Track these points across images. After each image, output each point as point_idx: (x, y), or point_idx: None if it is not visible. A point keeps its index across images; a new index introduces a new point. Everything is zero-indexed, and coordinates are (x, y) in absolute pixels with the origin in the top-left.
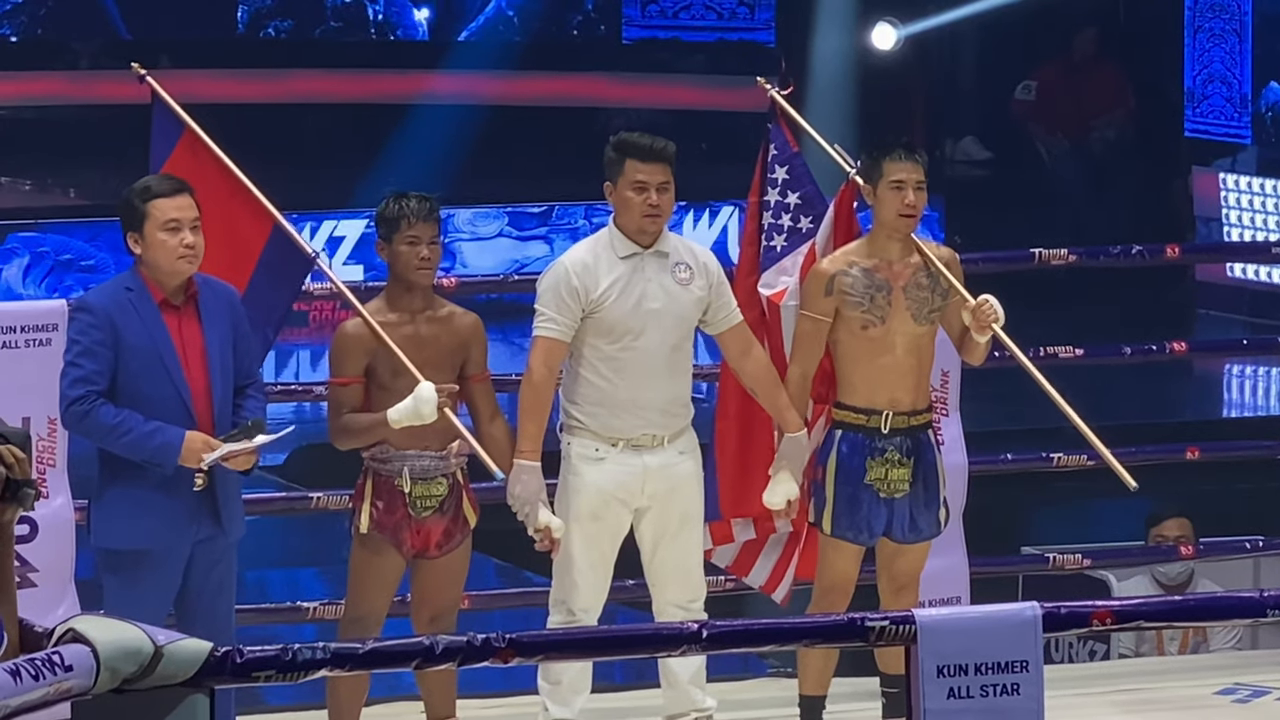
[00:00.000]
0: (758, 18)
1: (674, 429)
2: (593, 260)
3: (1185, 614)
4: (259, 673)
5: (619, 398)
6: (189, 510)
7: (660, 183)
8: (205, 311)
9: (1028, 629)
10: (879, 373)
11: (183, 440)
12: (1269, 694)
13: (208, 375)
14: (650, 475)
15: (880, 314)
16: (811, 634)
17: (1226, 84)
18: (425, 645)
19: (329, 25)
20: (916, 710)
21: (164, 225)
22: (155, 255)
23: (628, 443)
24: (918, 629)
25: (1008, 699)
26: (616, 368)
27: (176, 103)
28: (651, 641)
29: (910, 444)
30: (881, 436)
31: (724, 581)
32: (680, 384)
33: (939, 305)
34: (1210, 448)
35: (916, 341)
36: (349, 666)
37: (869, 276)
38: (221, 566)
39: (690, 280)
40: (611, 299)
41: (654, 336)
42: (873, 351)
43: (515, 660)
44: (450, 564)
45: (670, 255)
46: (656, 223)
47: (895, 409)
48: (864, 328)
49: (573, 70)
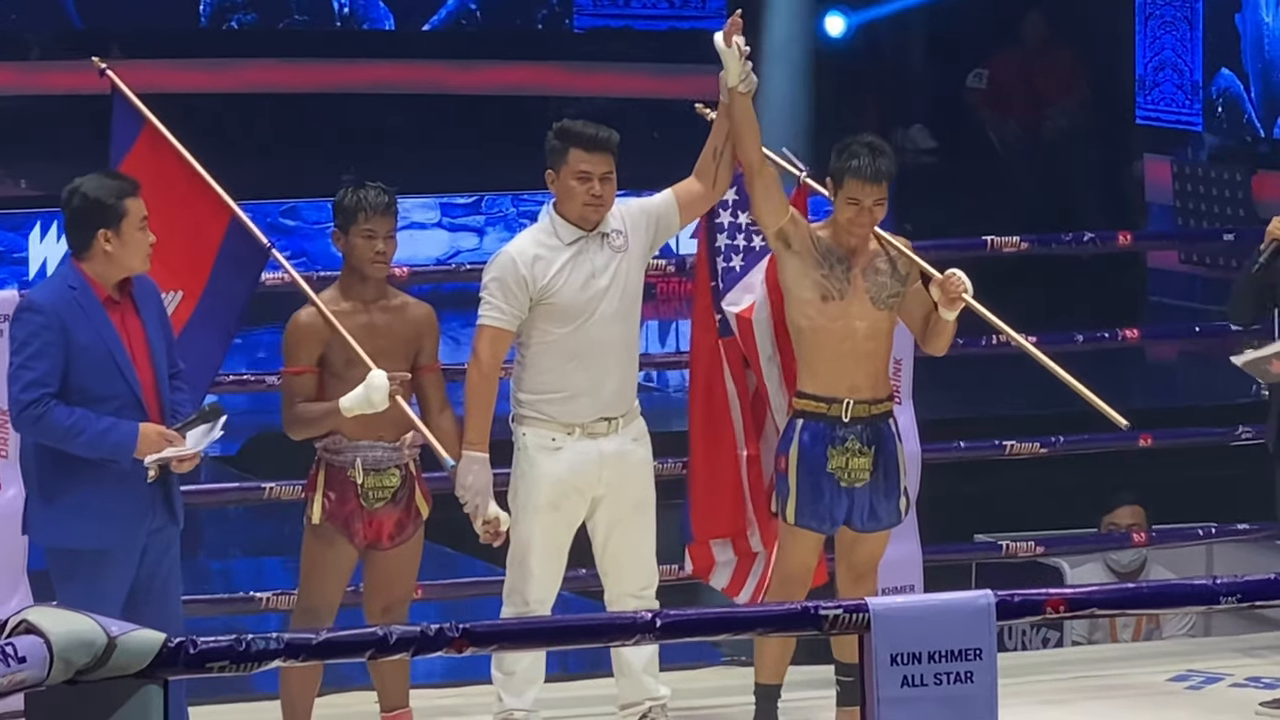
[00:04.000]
0: (709, 6)
1: (625, 409)
2: (540, 250)
3: (1138, 601)
4: (213, 663)
5: (574, 383)
6: (144, 503)
7: (604, 173)
8: (142, 305)
9: (981, 617)
10: (839, 359)
11: (137, 434)
12: (1222, 680)
13: (153, 368)
14: (606, 462)
15: (839, 288)
16: (765, 623)
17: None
18: (379, 635)
19: (293, 18)
20: (870, 699)
21: (139, 224)
22: (130, 253)
23: (583, 430)
24: (871, 617)
25: (961, 687)
26: (570, 352)
27: (135, 94)
28: (606, 631)
29: (870, 433)
30: (842, 425)
31: (676, 570)
32: (630, 362)
33: (897, 291)
34: (1163, 435)
35: (875, 327)
36: (303, 657)
37: (830, 247)
38: (171, 555)
39: (625, 242)
40: (560, 285)
41: (605, 315)
42: (833, 337)
43: (469, 650)
44: (402, 554)
45: (606, 231)
46: (599, 212)
47: (855, 397)
48: (824, 298)
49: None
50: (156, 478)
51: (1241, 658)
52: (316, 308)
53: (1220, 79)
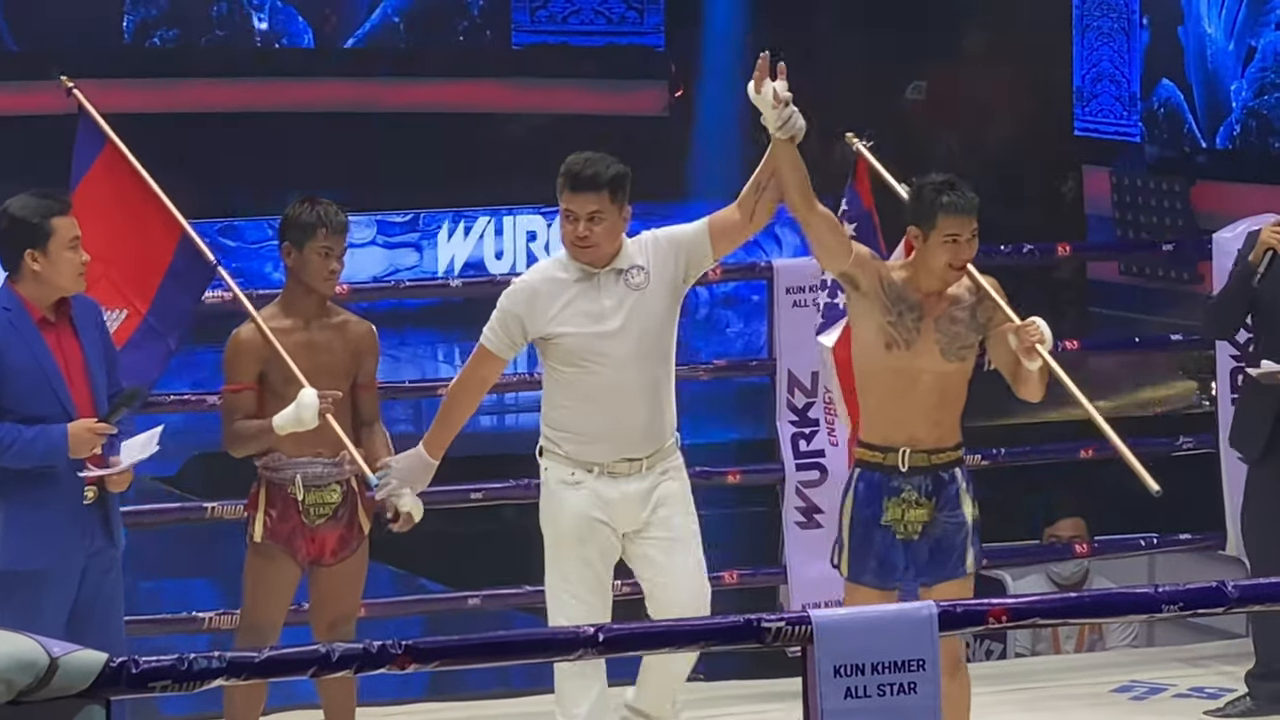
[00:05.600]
0: (647, 22)
1: (652, 450)
2: (546, 285)
3: (1081, 611)
4: (155, 683)
5: (589, 427)
6: (82, 524)
7: (590, 212)
8: (80, 326)
9: (924, 628)
10: (899, 409)
11: (67, 434)
12: (1165, 691)
13: (90, 390)
14: (631, 501)
15: (906, 337)
16: (708, 636)
17: (1115, 82)
18: (322, 653)
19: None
20: (814, 710)
21: (69, 243)
22: (58, 273)
23: (603, 469)
24: (814, 629)
25: (905, 698)
26: (583, 395)
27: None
28: (549, 646)
29: (931, 483)
30: (899, 475)
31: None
32: (656, 406)
33: (971, 341)
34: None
35: (942, 380)
36: (245, 675)
37: (903, 293)
38: (112, 577)
39: (646, 281)
40: (561, 325)
41: (618, 359)
42: (895, 386)
43: (412, 667)
44: (347, 570)
45: (624, 268)
46: (587, 253)
47: (914, 446)
48: (887, 346)
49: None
50: (95, 499)
51: (1185, 668)
52: (256, 324)
53: (1161, 89)
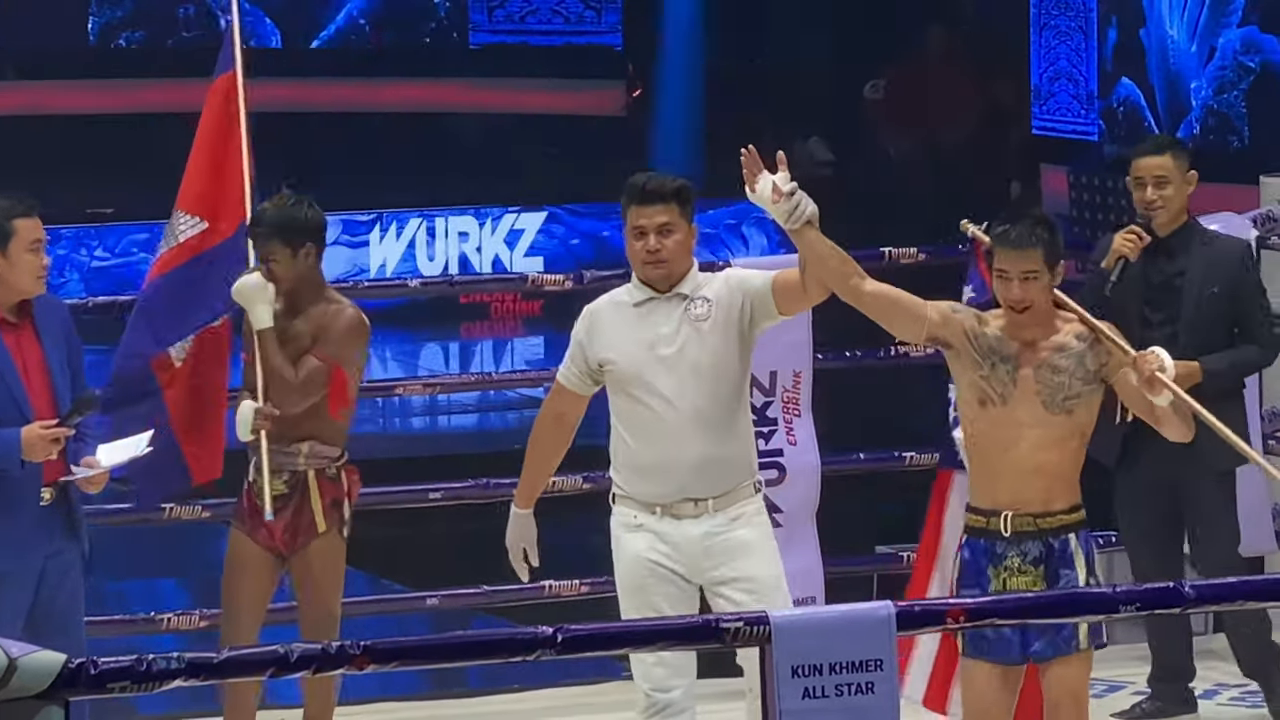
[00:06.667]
0: (604, 21)
1: (716, 492)
2: (610, 308)
3: (1037, 610)
4: (114, 684)
5: (643, 460)
6: (40, 525)
7: (660, 224)
8: (43, 328)
9: (882, 628)
10: (1001, 470)
11: (19, 438)
12: (1124, 689)
13: (51, 393)
14: (695, 547)
15: (1001, 390)
16: (666, 636)
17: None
18: (280, 654)
19: (180, 35)
20: (772, 711)
21: (29, 246)
22: (17, 274)
23: (665, 509)
24: (772, 629)
25: (863, 698)
26: (637, 426)
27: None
28: (506, 647)
29: (1039, 549)
30: (1002, 540)
31: (579, 585)
32: (715, 443)
33: (1078, 391)
34: None
35: (1049, 435)
36: (204, 676)
37: (998, 344)
38: (72, 578)
39: (709, 314)
40: (614, 352)
41: (670, 389)
42: (994, 446)
43: (370, 667)
44: (311, 570)
45: (689, 294)
46: (660, 268)
47: (1018, 509)
48: (981, 403)
49: (422, 76)
50: (51, 501)
51: (1143, 665)
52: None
53: (1121, 88)
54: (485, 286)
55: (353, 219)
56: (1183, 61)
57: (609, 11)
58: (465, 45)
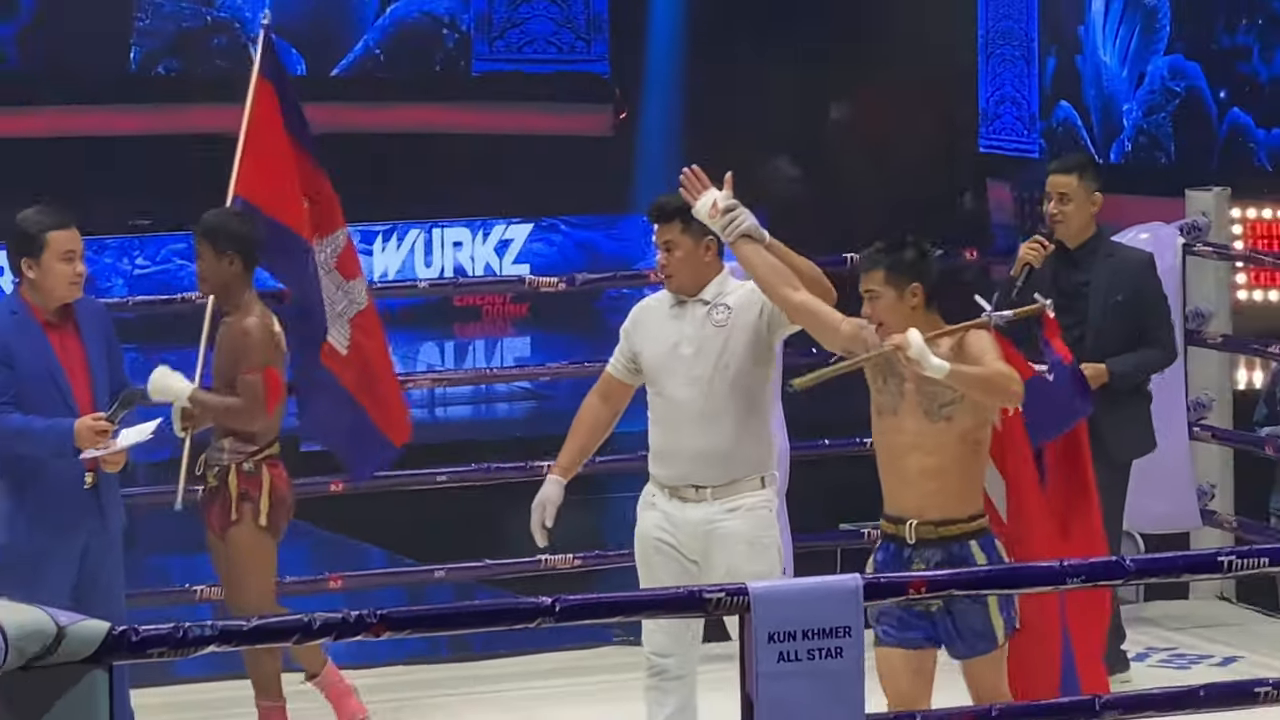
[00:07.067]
0: (594, 51)
1: (717, 482)
2: (653, 306)
3: (992, 582)
4: (153, 649)
5: (657, 444)
6: (82, 507)
7: (664, 241)
8: (84, 328)
9: (850, 598)
10: (897, 478)
11: (73, 428)
12: None
13: (91, 389)
14: (691, 529)
15: (891, 403)
16: (652, 606)
17: (1017, 104)
18: (304, 622)
19: (214, 64)
20: (750, 673)
21: (62, 255)
22: (51, 282)
23: (673, 492)
24: (751, 599)
25: (832, 661)
26: (656, 414)
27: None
28: (510, 615)
29: (942, 556)
30: (909, 547)
31: (571, 559)
32: (721, 437)
33: (951, 399)
34: None
35: (935, 442)
36: (235, 642)
37: (891, 357)
38: (113, 553)
39: (727, 320)
40: (648, 346)
41: (683, 383)
42: (889, 455)
43: (386, 634)
44: (227, 559)
45: (711, 301)
46: (669, 282)
47: (921, 517)
48: (879, 413)
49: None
50: (94, 484)
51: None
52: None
53: (1060, 110)
54: (486, 288)
55: (370, 229)
56: (1115, 86)
57: (598, 42)
58: (469, 72)
